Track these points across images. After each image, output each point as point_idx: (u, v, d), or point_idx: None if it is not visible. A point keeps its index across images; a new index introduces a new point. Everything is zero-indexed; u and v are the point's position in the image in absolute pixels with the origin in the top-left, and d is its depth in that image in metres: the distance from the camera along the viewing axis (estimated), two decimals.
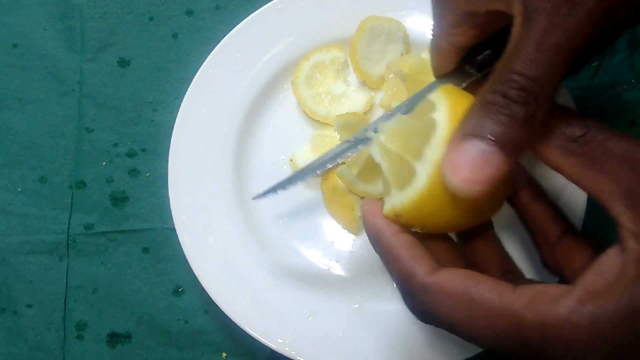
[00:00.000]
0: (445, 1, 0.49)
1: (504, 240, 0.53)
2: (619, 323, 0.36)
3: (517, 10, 0.42)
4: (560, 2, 0.38)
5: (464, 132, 0.40)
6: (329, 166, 0.62)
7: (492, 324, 0.39)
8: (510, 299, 0.39)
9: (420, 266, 0.43)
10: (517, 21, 0.41)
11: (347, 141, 0.60)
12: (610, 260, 0.39)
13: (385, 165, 0.48)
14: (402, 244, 0.45)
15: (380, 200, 0.49)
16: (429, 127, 0.44)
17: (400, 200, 0.45)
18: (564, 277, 0.48)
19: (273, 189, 0.64)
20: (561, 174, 0.42)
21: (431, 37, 0.54)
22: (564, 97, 0.66)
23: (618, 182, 0.39)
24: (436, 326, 0.43)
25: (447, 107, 0.45)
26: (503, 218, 0.57)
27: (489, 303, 0.40)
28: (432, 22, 0.53)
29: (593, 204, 0.64)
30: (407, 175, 0.45)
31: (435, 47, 0.54)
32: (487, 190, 0.39)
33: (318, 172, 0.62)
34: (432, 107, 0.46)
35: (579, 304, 0.37)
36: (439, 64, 0.55)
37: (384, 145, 0.48)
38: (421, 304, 0.43)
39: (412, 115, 0.49)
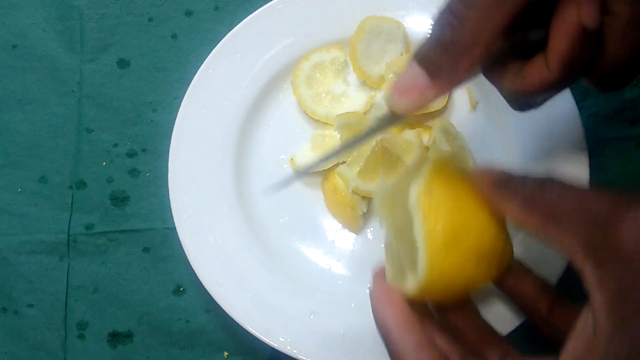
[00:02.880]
0: None
1: None
2: None
3: None
4: None
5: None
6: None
7: None
8: None
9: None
10: None
11: None
12: (584, 319, 0.38)
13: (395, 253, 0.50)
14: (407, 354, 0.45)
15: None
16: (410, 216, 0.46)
17: (418, 279, 0.45)
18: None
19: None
20: (526, 231, 0.42)
21: None
22: (565, 98, 0.66)
23: (576, 235, 0.38)
24: None
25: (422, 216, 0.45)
26: None
27: None
28: None
29: None
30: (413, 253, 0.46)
31: None
32: (414, 106, 0.45)
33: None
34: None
35: None
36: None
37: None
38: None
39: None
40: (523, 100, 0.52)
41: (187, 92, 0.72)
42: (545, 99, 0.51)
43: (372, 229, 0.70)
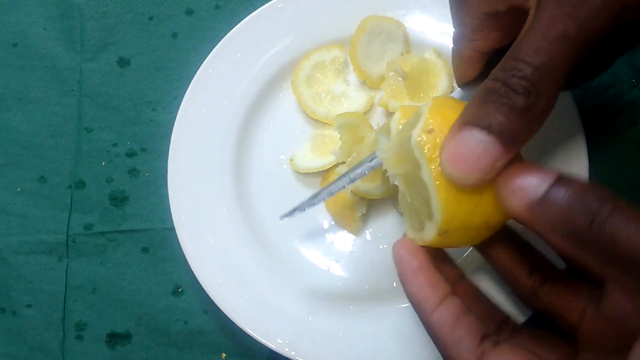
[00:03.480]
0: (465, 5, 0.48)
1: None
2: None
3: (532, 1, 0.41)
4: None
5: (463, 120, 0.40)
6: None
7: None
8: None
9: (464, 353, 0.43)
10: (531, 12, 0.40)
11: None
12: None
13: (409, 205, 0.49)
14: (444, 323, 0.44)
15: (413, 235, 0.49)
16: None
17: (435, 222, 0.44)
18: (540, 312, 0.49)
19: (300, 207, 0.63)
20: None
21: (453, 45, 0.52)
22: (565, 97, 0.66)
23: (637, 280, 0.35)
24: None
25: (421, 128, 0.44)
26: None
27: None
28: (453, 30, 0.51)
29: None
30: (427, 201, 0.45)
31: (458, 54, 0.52)
32: (486, 180, 0.40)
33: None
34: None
35: None
36: (463, 72, 0.54)
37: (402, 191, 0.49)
38: None
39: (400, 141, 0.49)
40: None
41: (187, 91, 0.72)
42: None
43: (371, 230, 0.70)
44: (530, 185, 0.38)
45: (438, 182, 0.43)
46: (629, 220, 0.35)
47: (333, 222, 0.70)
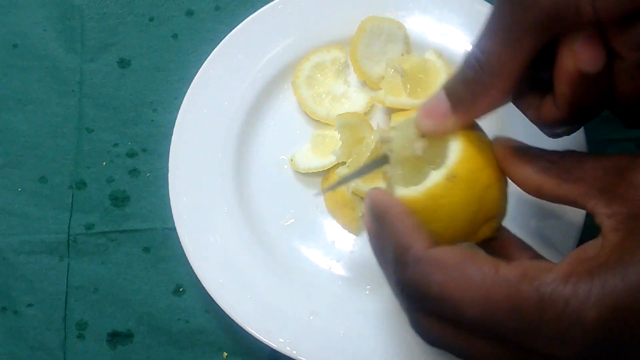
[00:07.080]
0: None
1: None
2: (609, 290, 0.38)
3: None
4: None
5: (445, 84, 0.49)
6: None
7: (487, 294, 0.40)
8: (506, 270, 0.40)
9: (418, 240, 0.44)
10: None
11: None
12: (591, 243, 0.42)
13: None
14: (406, 220, 0.46)
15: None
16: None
17: (446, 166, 0.47)
18: None
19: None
20: (540, 193, 0.46)
21: None
22: None
23: (593, 184, 0.43)
24: (419, 302, 0.43)
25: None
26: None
27: (485, 273, 0.40)
28: None
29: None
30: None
31: None
32: (435, 132, 0.48)
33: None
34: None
35: (570, 274, 0.39)
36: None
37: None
38: (411, 275, 0.43)
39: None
40: (548, 131, 0.51)
41: (188, 92, 0.72)
42: (572, 130, 0.51)
43: None
44: (516, 141, 0.49)
45: (460, 140, 0.48)
46: (589, 154, 0.46)
47: (334, 222, 0.71)
